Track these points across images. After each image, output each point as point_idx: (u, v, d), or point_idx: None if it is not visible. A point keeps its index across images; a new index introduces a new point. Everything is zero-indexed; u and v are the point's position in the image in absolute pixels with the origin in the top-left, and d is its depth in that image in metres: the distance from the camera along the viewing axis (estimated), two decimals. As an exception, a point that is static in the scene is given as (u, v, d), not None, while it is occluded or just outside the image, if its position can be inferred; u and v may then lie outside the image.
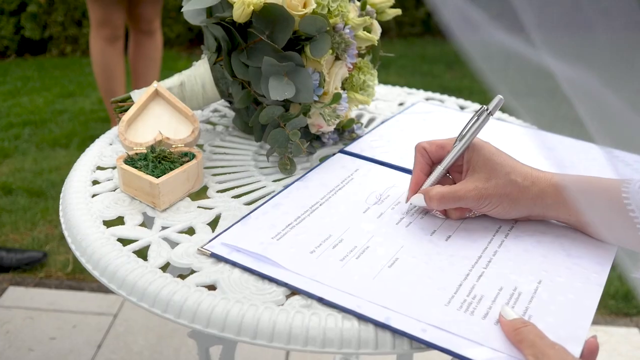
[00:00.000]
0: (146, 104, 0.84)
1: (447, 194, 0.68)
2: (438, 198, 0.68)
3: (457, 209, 0.71)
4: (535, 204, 0.68)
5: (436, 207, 0.70)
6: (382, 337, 0.57)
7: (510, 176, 0.67)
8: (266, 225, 0.69)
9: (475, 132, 0.70)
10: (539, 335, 0.54)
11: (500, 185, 0.67)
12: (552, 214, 0.69)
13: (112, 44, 2.37)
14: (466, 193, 0.68)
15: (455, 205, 0.69)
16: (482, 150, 0.69)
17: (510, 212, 0.69)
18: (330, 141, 0.89)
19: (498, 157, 0.69)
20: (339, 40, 0.79)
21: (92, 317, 1.74)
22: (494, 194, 0.67)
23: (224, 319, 0.58)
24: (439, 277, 0.63)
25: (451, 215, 0.71)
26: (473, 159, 0.69)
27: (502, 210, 0.68)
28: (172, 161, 0.76)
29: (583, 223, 0.68)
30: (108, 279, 0.64)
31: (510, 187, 0.67)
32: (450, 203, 0.69)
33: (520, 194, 0.67)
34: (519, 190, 0.67)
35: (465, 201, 0.68)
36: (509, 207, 0.68)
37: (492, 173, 0.68)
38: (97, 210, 0.73)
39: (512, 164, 0.68)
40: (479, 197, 0.67)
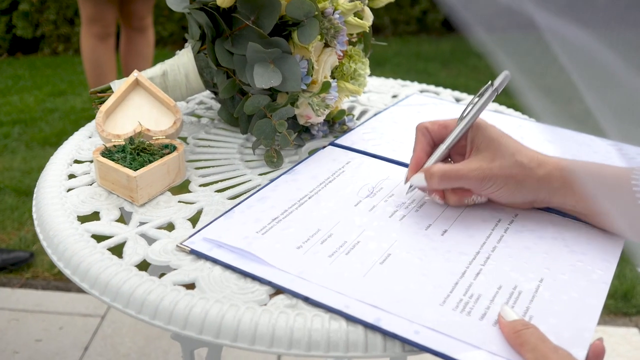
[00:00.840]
0: (126, 94, 0.79)
1: (449, 171, 0.64)
2: (439, 175, 0.64)
3: (456, 193, 0.67)
4: (541, 187, 0.64)
5: (437, 186, 0.66)
6: (372, 339, 0.53)
7: (515, 157, 0.63)
8: (251, 220, 0.65)
9: (480, 109, 0.66)
10: (541, 339, 0.50)
11: (505, 166, 0.63)
12: (557, 200, 0.65)
13: (104, 41, 2.33)
14: (469, 172, 0.64)
15: (457, 184, 0.65)
16: (486, 130, 0.65)
17: (515, 195, 0.65)
18: (320, 133, 0.85)
19: (503, 138, 0.65)
20: (328, 25, 0.75)
21: (79, 318, 1.70)
22: (499, 175, 0.63)
23: (202, 320, 0.54)
24: (434, 274, 0.59)
25: (449, 199, 0.67)
26: (477, 138, 0.66)
27: (506, 192, 0.65)
28: (151, 153, 0.72)
29: (590, 211, 0.64)
30: (80, 278, 0.60)
31: (516, 168, 0.63)
32: (452, 182, 0.65)
33: (526, 176, 0.63)
34: (525, 172, 0.63)
35: (468, 181, 0.64)
36: (514, 189, 0.64)
37: (497, 153, 0.64)
38: (72, 205, 0.69)
39: (517, 145, 0.65)
40: (483, 178, 0.64)
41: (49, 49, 4.28)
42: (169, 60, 0.85)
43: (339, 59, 0.81)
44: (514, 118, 0.96)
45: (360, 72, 0.83)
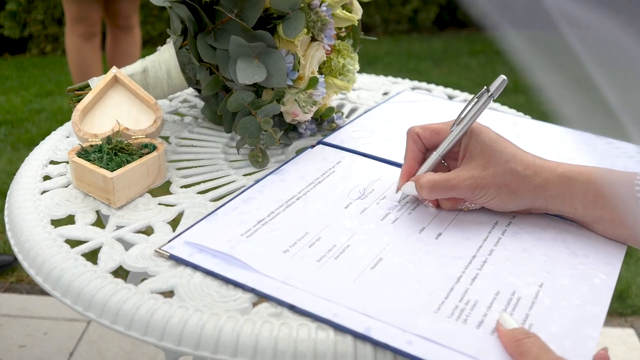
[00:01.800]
0: (104, 91, 0.76)
1: (439, 182, 0.61)
2: (429, 186, 0.61)
3: (450, 199, 0.63)
4: (537, 195, 0.61)
5: (427, 197, 0.63)
6: (361, 350, 0.49)
7: (510, 165, 0.60)
8: (235, 222, 0.61)
9: (474, 115, 0.62)
10: (543, 349, 0.47)
11: (498, 174, 0.60)
12: (555, 208, 0.62)
13: (89, 40, 2.29)
14: (460, 182, 0.60)
15: (448, 195, 0.62)
16: (480, 135, 0.62)
17: (509, 204, 0.62)
18: (308, 132, 0.82)
19: (497, 143, 0.61)
20: (315, 18, 0.71)
21: (64, 323, 1.66)
22: (491, 184, 0.60)
23: (180, 330, 0.51)
24: (428, 279, 0.55)
25: (443, 205, 0.64)
26: (470, 145, 0.62)
27: (499, 201, 0.61)
28: (130, 153, 0.68)
29: (590, 218, 0.61)
30: (52, 286, 0.56)
31: (510, 176, 0.60)
32: (442, 192, 0.61)
33: (520, 185, 0.60)
34: (519, 180, 0.60)
35: (458, 191, 0.61)
36: (507, 198, 0.61)
37: (490, 161, 0.60)
38: (46, 208, 0.66)
39: (512, 151, 0.61)
40: (474, 187, 0.60)
41: (37, 49, 4.22)
42: (150, 56, 0.81)
43: (326, 54, 0.78)
44: (509, 115, 0.93)
45: (349, 68, 0.79)
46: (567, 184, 0.60)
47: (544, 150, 0.79)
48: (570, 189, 0.59)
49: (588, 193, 0.59)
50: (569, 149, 0.81)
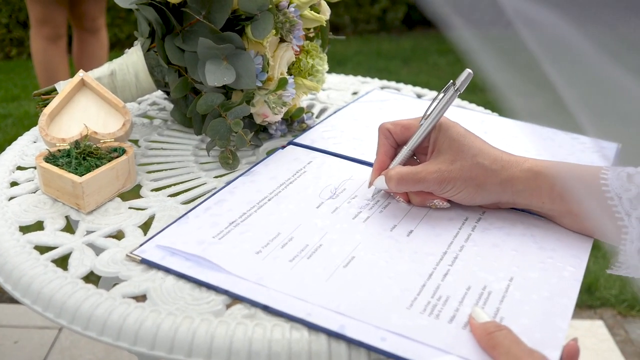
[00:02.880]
0: (71, 95, 0.75)
1: (406, 175, 0.62)
2: (397, 179, 0.62)
3: (419, 194, 0.64)
4: (504, 189, 0.62)
5: (394, 189, 0.63)
6: (335, 348, 0.50)
7: (477, 159, 0.61)
8: (207, 224, 0.61)
9: (442, 109, 0.63)
10: (515, 341, 0.48)
11: (465, 168, 0.61)
12: (522, 201, 0.63)
13: (54, 42, 2.26)
14: (427, 175, 0.61)
15: (416, 188, 0.63)
16: (448, 130, 0.63)
17: (476, 197, 0.62)
18: (278, 132, 0.82)
19: (465, 138, 0.62)
20: (283, 19, 0.72)
21: (35, 331, 1.63)
22: (458, 177, 0.61)
23: (154, 334, 0.50)
24: (400, 276, 0.56)
25: (413, 200, 0.65)
26: (439, 139, 0.63)
27: (466, 195, 0.62)
28: (98, 157, 0.68)
29: (557, 212, 0.62)
30: (21, 293, 0.56)
31: (477, 170, 0.61)
32: (410, 185, 0.62)
33: (487, 178, 0.61)
34: (486, 174, 0.61)
35: (426, 184, 0.62)
36: (474, 192, 0.62)
37: (458, 155, 0.61)
38: (13, 214, 0.65)
39: (480, 145, 0.62)
40: (442, 181, 0.61)
41: (2, 53, 4.15)
42: (117, 59, 0.81)
43: (295, 55, 0.78)
44: (477, 113, 0.94)
45: (318, 68, 0.79)
46: (533, 179, 0.61)
47: (512, 147, 0.79)
48: (537, 183, 0.61)
49: (554, 187, 0.60)
50: (536, 146, 0.82)
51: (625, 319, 1.75)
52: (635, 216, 0.55)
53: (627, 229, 0.56)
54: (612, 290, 1.82)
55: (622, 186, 0.56)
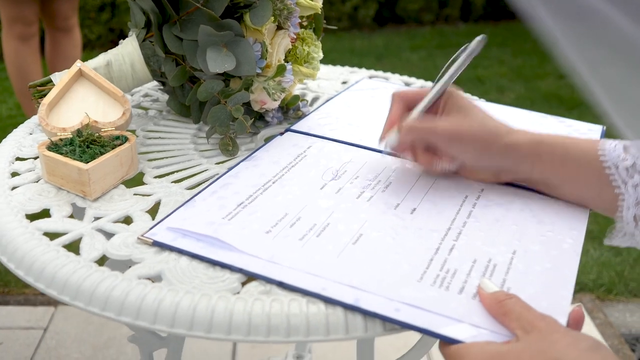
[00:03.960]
0: (69, 86, 0.75)
1: (419, 123, 0.65)
2: (409, 126, 0.65)
3: (427, 154, 0.67)
4: (507, 153, 0.64)
5: (404, 138, 0.65)
6: (352, 320, 0.51)
7: (485, 121, 0.65)
8: (215, 206, 0.62)
9: (456, 71, 0.66)
10: (525, 307, 0.50)
11: (474, 127, 0.64)
12: (524, 169, 0.65)
13: (26, 42, 2.23)
14: (438, 126, 0.64)
15: (426, 137, 0.65)
16: (457, 98, 0.66)
17: (481, 159, 0.65)
18: (275, 120, 0.83)
19: (473, 105, 0.66)
20: (281, 7, 0.73)
21: (20, 332, 1.62)
22: (467, 135, 0.64)
23: (173, 312, 0.51)
24: (408, 252, 0.57)
25: (420, 159, 0.67)
26: (448, 104, 0.66)
27: (472, 156, 0.65)
28: (102, 145, 0.68)
29: (558, 180, 0.64)
30: (35, 278, 0.56)
31: (484, 131, 0.64)
32: (423, 133, 0.65)
33: (493, 140, 0.64)
34: (493, 136, 0.64)
35: (437, 136, 0.64)
36: (480, 152, 0.64)
37: (467, 117, 0.65)
38: (18, 203, 0.65)
39: (486, 114, 0.66)
40: (451, 135, 0.64)
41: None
42: (113, 50, 0.81)
43: (292, 42, 0.79)
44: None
45: (313, 56, 0.81)
46: (536, 146, 0.63)
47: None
48: (539, 149, 0.63)
49: (555, 155, 0.63)
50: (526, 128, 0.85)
51: (603, 302, 1.80)
52: (631, 184, 0.58)
53: (623, 196, 0.59)
54: (590, 275, 1.86)
55: (618, 156, 0.59)
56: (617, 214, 0.61)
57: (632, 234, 0.60)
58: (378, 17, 4.49)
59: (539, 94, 3.30)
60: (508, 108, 0.91)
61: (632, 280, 1.86)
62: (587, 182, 0.62)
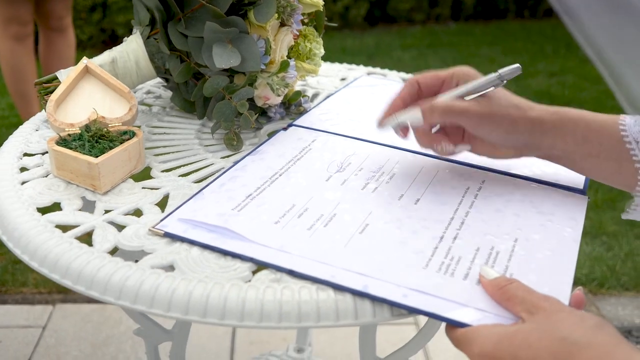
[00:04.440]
0: (75, 82, 0.76)
1: (451, 104, 0.65)
2: (443, 107, 0.65)
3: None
4: (534, 127, 0.64)
5: (438, 119, 0.66)
6: (361, 306, 0.53)
7: (509, 99, 0.65)
8: (224, 198, 0.64)
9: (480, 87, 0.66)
10: (527, 291, 0.51)
11: (502, 105, 0.64)
12: (548, 142, 0.65)
13: (21, 42, 2.23)
14: (470, 106, 0.64)
15: (458, 118, 0.65)
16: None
17: (508, 137, 0.65)
18: (277, 116, 0.85)
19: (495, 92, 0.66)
20: (284, 4, 0.74)
21: (19, 330, 1.62)
22: (496, 113, 0.64)
23: (186, 301, 0.53)
24: (413, 240, 0.59)
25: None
26: None
27: (501, 133, 0.65)
28: (110, 140, 0.69)
29: (580, 155, 0.65)
30: (49, 269, 0.57)
31: (511, 108, 0.64)
32: (454, 115, 0.65)
33: (520, 116, 0.64)
34: (519, 112, 0.64)
35: (468, 116, 0.64)
36: (508, 129, 0.65)
37: (492, 99, 0.65)
38: (29, 197, 0.66)
39: (508, 93, 0.66)
40: (482, 114, 0.64)
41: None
42: (117, 47, 0.82)
43: (294, 39, 0.81)
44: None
45: (315, 52, 0.82)
46: (559, 120, 0.64)
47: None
48: (563, 123, 0.64)
49: (577, 128, 0.64)
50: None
51: (595, 296, 1.82)
52: None
53: None
54: (582, 270, 1.89)
55: (638, 131, 0.61)
56: (635, 189, 0.62)
57: None
58: (369, 16, 4.52)
59: (530, 92, 3.33)
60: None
61: (624, 275, 1.88)
62: (607, 157, 0.63)
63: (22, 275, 1.81)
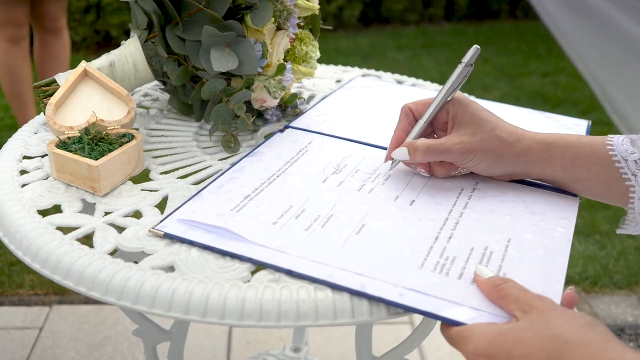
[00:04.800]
0: (74, 86, 0.77)
1: (432, 145, 0.67)
2: (424, 149, 0.67)
3: (442, 165, 0.69)
4: (520, 160, 0.67)
5: (421, 159, 0.68)
6: (358, 305, 0.54)
7: (495, 132, 0.66)
8: (223, 199, 0.65)
9: (454, 83, 0.68)
10: (521, 290, 0.53)
11: (486, 139, 0.66)
12: (536, 171, 0.68)
13: (17, 44, 2.24)
14: (452, 146, 0.66)
15: (440, 158, 0.67)
16: (468, 106, 0.68)
17: (495, 168, 0.67)
18: (274, 118, 0.86)
19: (483, 113, 0.68)
20: (281, 8, 0.75)
21: (16, 332, 1.63)
22: (479, 149, 0.66)
23: (187, 301, 0.54)
24: (409, 240, 0.60)
25: (437, 172, 0.70)
26: (458, 114, 0.68)
27: (486, 165, 0.67)
28: (110, 142, 0.70)
29: (569, 179, 0.67)
30: (51, 270, 0.58)
31: (496, 142, 0.66)
32: (436, 155, 0.67)
33: (505, 150, 0.66)
34: (504, 145, 0.66)
35: (450, 154, 0.67)
36: (493, 162, 0.67)
37: (478, 128, 0.66)
38: (30, 199, 0.67)
39: (497, 120, 0.68)
40: (464, 151, 0.66)
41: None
42: (115, 50, 0.83)
43: (290, 42, 0.82)
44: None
45: (311, 55, 0.84)
46: (545, 149, 0.66)
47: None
48: (549, 153, 0.66)
49: (565, 156, 0.65)
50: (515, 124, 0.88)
51: (589, 294, 1.84)
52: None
53: (634, 188, 0.62)
54: (576, 268, 1.90)
55: (626, 150, 0.63)
56: (628, 205, 0.64)
57: None
58: (363, 17, 4.53)
59: (523, 92, 3.35)
60: (497, 104, 0.94)
61: (617, 273, 1.90)
62: (597, 179, 0.65)
63: (18, 276, 1.81)
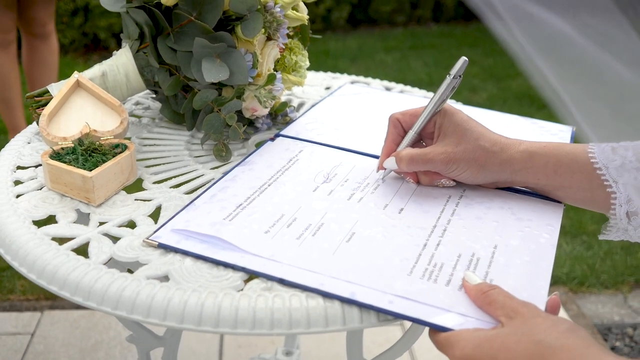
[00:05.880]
0: (67, 96, 0.78)
1: (416, 155, 0.69)
2: (408, 159, 0.69)
3: (427, 174, 0.71)
4: (503, 169, 0.68)
5: (405, 169, 0.70)
6: (349, 312, 0.55)
7: (479, 142, 0.68)
8: (216, 208, 0.66)
9: (442, 95, 0.70)
10: (508, 296, 0.54)
11: (469, 150, 0.68)
12: (520, 180, 0.70)
13: (4, 49, 2.23)
14: (435, 156, 0.68)
15: (424, 167, 0.69)
16: (453, 116, 0.69)
17: (478, 177, 0.69)
18: (264, 126, 0.87)
19: (468, 123, 0.69)
20: (271, 19, 0.77)
21: (7, 338, 1.63)
22: (462, 159, 0.68)
23: (182, 310, 0.55)
24: (398, 248, 0.62)
25: (422, 180, 0.72)
26: (444, 124, 0.70)
27: (470, 175, 0.69)
28: (103, 153, 0.71)
29: (552, 187, 0.69)
30: (47, 281, 0.59)
31: (479, 152, 0.68)
32: (419, 165, 0.69)
33: (488, 160, 0.68)
34: (487, 155, 0.68)
35: (434, 164, 0.68)
36: (477, 172, 0.68)
37: (462, 138, 0.68)
38: (25, 210, 0.68)
39: (481, 130, 0.69)
40: (448, 161, 0.68)
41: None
42: (107, 60, 0.84)
43: (280, 52, 0.83)
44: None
45: (300, 64, 0.85)
46: (529, 159, 0.67)
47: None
48: (532, 162, 0.67)
49: (548, 165, 0.67)
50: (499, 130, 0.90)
51: (576, 295, 1.86)
52: (622, 182, 0.63)
53: (615, 194, 0.64)
54: (563, 269, 1.93)
55: (607, 157, 0.64)
56: (610, 212, 0.66)
57: (625, 229, 0.66)
58: (351, 18, 4.55)
59: (510, 93, 3.38)
60: (482, 110, 0.96)
61: (603, 273, 1.93)
62: (580, 186, 0.67)
63: (9, 282, 1.81)
